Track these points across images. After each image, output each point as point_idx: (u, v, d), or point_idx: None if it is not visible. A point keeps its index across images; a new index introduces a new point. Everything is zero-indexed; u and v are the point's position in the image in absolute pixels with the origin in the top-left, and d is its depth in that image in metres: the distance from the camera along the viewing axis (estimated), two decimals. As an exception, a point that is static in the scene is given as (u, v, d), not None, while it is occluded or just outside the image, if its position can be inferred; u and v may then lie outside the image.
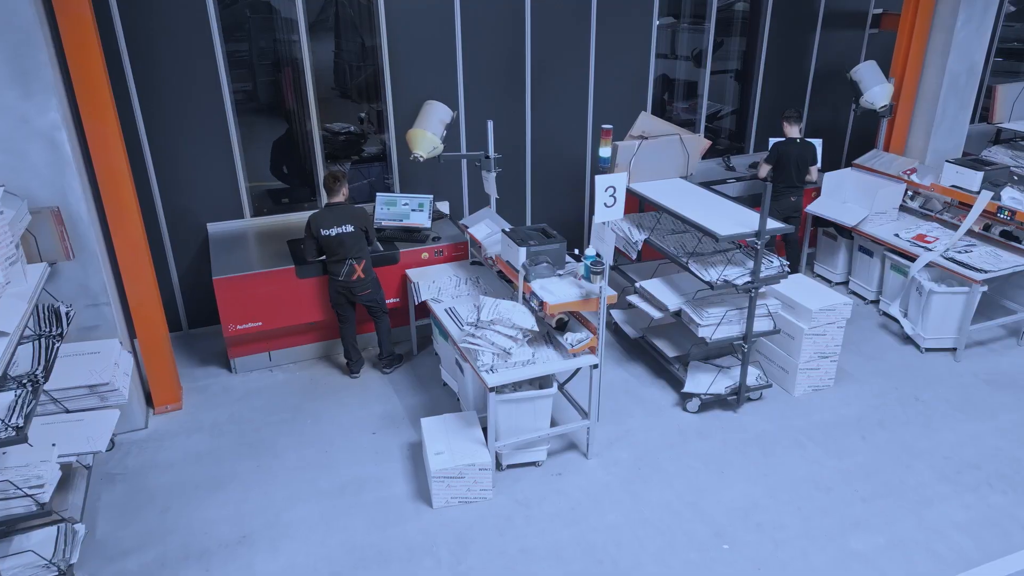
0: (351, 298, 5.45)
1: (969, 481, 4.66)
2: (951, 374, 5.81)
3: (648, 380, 5.75)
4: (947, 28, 6.74)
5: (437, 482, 4.36)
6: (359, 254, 5.32)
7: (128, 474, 4.75)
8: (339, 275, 5.32)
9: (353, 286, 5.37)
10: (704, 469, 4.78)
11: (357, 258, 5.31)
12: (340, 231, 5.20)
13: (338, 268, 5.31)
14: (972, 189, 6.12)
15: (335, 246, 5.24)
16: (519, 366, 4.42)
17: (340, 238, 5.21)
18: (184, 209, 6.10)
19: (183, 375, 5.74)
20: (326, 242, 5.23)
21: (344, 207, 5.28)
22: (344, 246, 5.23)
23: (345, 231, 5.21)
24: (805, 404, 5.44)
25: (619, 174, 4.22)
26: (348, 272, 5.29)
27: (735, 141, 8.39)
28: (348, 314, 5.57)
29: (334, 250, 5.26)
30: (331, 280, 5.39)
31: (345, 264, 5.28)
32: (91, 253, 4.66)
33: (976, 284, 5.69)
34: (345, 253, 5.26)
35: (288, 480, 4.66)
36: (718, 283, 4.91)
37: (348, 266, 5.28)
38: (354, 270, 5.30)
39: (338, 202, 5.29)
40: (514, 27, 6.60)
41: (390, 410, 5.38)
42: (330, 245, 5.24)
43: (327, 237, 5.20)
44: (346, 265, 5.28)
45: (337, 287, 5.40)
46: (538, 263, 4.70)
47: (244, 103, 6.33)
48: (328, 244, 5.24)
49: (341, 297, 5.45)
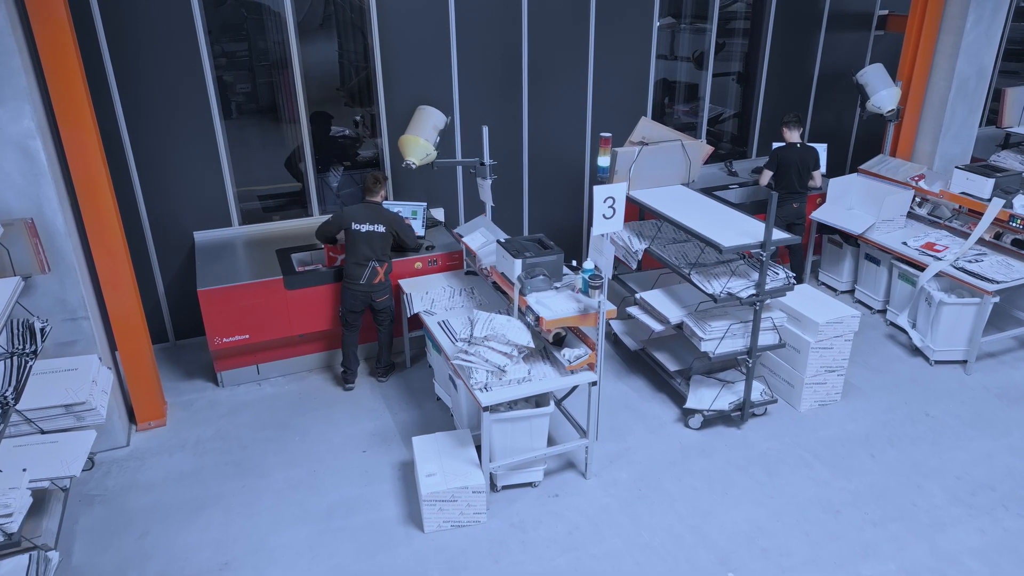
0: (369, 303, 5.32)
1: (983, 503, 4.47)
2: (961, 388, 5.62)
3: (648, 394, 5.56)
4: (956, 30, 6.55)
5: (428, 506, 4.17)
6: (383, 257, 5.24)
7: (108, 495, 4.56)
8: (360, 278, 5.20)
9: (374, 290, 5.27)
10: (707, 490, 4.59)
11: (380, 260, 5.22)
12: (372, 229, 5.14)
13: (359, 272, 5.19)
14: (983, 196, 5.93)
15: (361, 244, 5.15)
16: (514, 384, 4.24)
17: (370, 236, 5.14)
18: (170, 217, 5.91)
19: (168, 389, 5.56)
20: (354, 238, 5.15)
21: (380, 207, 5.26)
22: (371, 246, 5.16)
23: (377, 230, 5.15)
24: (811, 420, 5.25)
25: (618, 184, 4.03)
26: (371, 275, 5.20)
27: (737, 145, 8.21)
28: (356, 322, 5.44)
29: (359, 249, 5.16)
30: (349, 286, 5.26)
31: (368, 267, 5.18)
32: (68, 265, 4.48)
33: (988, 295, 5.51)
34: (370, 254, 5.17)
35: (274, 502, 4.48)
36: (721, 296, 4.72)
37: (371, 269, 5.18)
38: (376, 273, 5.22)
39: (375, 201, 5.26)
40: (510, 28, 6.41)
41: (381, 426, 5.19)
42: (356, 243, 5.15)
43: (356, 232, 5.14)
44: (368, 268, 5.18)
45: (356, 293, 5.26)
46: (534, 276, 4.51)
47: (242, 105, 6.17)
48: (355, 241, 5.15)
49: (357, 303, 5.31)
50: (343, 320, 5.43)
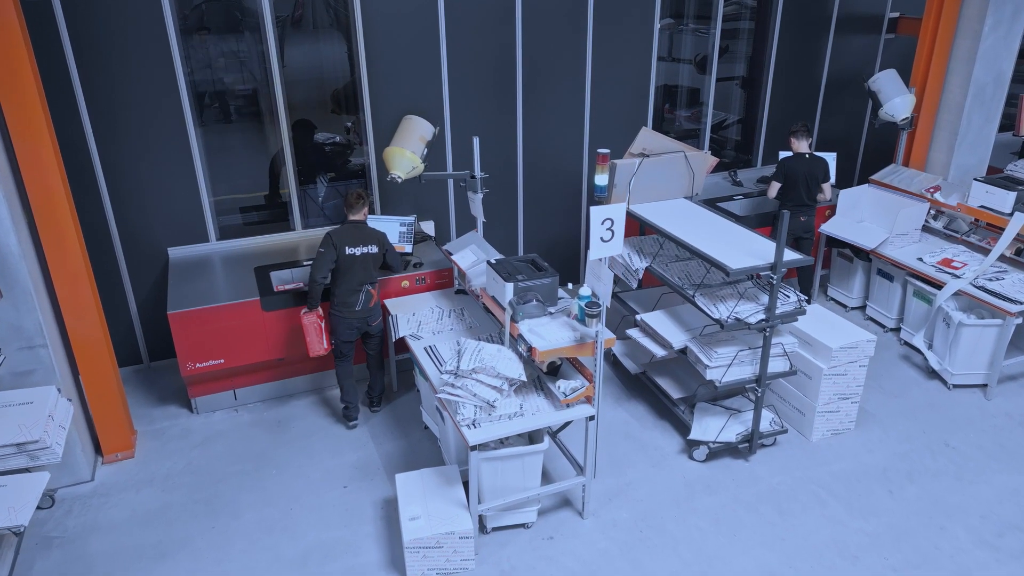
0: (364, 329, 4.93)
1: (1012, 546, 4.14)
2: (982, 415, 5.29)
3: (650, 422, 5.23)
4: (973, 34, 6.22)
5: (412, 553, 3.84)
6: (375, 279, 4.89)
7: (67, 537, 4.22)
8: (356, 305, 4.79)
9: (370, 315, 4.89)
10: (713, 531, 4.26)
11: (373, 283, 4.86)
12: (366, 251, 4.75)
13: (355, 298, 4.78)
14: (1004, 211, 5.60)
15: (358, 269, 4.75)
16: (504, 420, 3.90)
17: (364, 259, 4.75)
18: (142, 232, 5.57)
19: (139, 416, 5.22)
20: (349, 263, 4.72)
21: (366, 226, 4.85)
22: (367, 269, 4.78)
23: (370, 251, 4.76)
24: (824, 451, 4.92)
25: (617, 205, 3.70)
26: (366, 300, 4.81)
27: (742, 153, 7.87)
28: (351, 352, 5.03)
29: (354, 274, 4.75)
30: (343, 316, 4.81)
31: (362, 291, 4.79)
32: (24, 290, 4.14)
33: (1010, 316, 5.18)
34: (365, 278, 4.79)
35: (246, 546, 4.14)
36: (729, 322, 4.39)
37: (365, 293, 4.80)
38: (371, 296, 4.85)
39: (359, 220, 4.83)
40: (504, 33, 6.06)
41: (364, 458, 4.85)
42: (352, 268, 4.73)
43: (351, 256, 4.71)
44: (363, 292, 4.79)
45: (351, 322, 4.83)
46: (527, 301, 4.17)
47: (222, 110, 5.85)
48: (350, 266, 4.73)
49: (352, 332, 4.89)
50: (337, 352, 5.00)
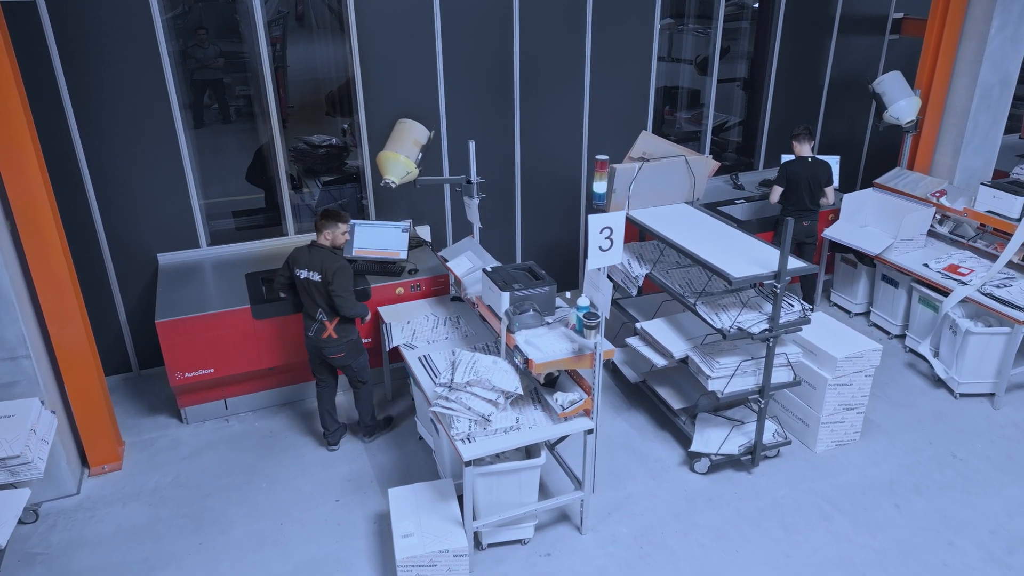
0: (324, 359, 4.67)
1: (1022, 564, 4.02)
2: (990, 425, 5.17)
3: (650, 433, 5.11)
4: (979, 35, 6.09)
5: (405, 571, 3.72)
6: (330, 312, 4.48)
7: (51, 554, 4.10)
8: (308, 331, 4.56)
9: (323, 346, 4.55)
10: (715, 547, 4.14)
11: (328, 316, 4.49)
12: (308, 276, 4.42)
13: (308, 323, 4.55)
14: (1012, 216, 5.48)
15: (302, 293, 4.49)
16: (500, 434, 3.78)
17: (306, 285, 4.44)
18: (131, 238, 5.44)
19: (127, 427, 5.10)
20: (300, 285, 4.46)
21: (322, 251, 4.42)
22: (311, 296, 4.45)
23: (312, 279, 4.40)
24: (828, 463, 4.80)
25: (616, 213, 3.58)
26: (318, 329, 4.51)
27: (743, 156, 7.75)
28: (325, 378, 4.79)
29: (308, 296, 4.47)
30: (305, 334, 4.63)
31: (316, 320, 4.50)
32: (5, 299, 4.03)
33: (1019, 324, 5.06)
34: (311, 307, 4.49)
35: (234, 563, 4.02)
36: (731, 331, 4.27)
37: (319, 323, 4.50)
38: (324, 328, 4.51)
39: (321, 244, 4.48)
40: (501, 35, 5.94)
41: (357, 471, 4.73)
42: (304, 290, 4.46)
43: (301, 279, 4.44)
44: (316, 321, 4.50)
45: (308, 343, 4.62)
46: (523, 311, 4.05)
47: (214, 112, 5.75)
48: (302, 288, 4.47)
49: (314, 357, 4.68)
50: (312, 372, 4.84)
